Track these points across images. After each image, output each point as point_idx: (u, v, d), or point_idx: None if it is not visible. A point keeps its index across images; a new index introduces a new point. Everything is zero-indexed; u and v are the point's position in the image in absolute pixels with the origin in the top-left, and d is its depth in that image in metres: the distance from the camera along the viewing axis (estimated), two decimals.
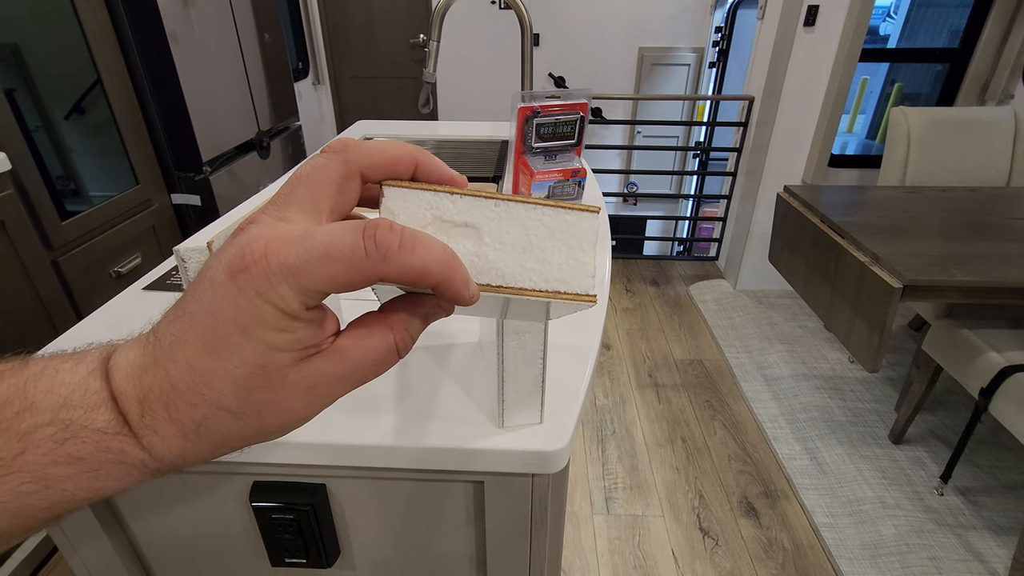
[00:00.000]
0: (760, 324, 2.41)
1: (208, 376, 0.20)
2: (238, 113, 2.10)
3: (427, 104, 1.23)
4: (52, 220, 1.35)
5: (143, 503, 0.56)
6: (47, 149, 1.44)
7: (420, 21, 3.58)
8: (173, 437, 0.20)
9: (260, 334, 0.20)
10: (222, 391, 0.20)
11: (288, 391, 0.21)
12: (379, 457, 0.48)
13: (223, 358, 0.20)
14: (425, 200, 0.23)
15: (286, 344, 0.20)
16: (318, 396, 0.22)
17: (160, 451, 0.20)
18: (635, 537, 1.51)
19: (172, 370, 0.20)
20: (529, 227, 0.24)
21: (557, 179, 0.92)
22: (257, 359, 0.20)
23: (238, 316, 0.19)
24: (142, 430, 0.20)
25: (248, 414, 0.21)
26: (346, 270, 0.20)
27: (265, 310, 0.19)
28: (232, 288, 0.19)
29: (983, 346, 1.41)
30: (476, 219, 0.24)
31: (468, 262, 0.24)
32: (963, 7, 2.31)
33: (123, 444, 0.20)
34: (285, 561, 0.56)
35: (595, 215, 0.25)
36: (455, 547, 0.57)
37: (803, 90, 2.29)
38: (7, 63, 1.35)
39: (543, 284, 0.24)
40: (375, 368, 0.23)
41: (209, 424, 0.20)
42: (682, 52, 3.65)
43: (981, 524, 1.50)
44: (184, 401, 0.20)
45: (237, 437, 0.21)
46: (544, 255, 0.24)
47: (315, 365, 0.21)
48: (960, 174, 1.87)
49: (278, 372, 0.20)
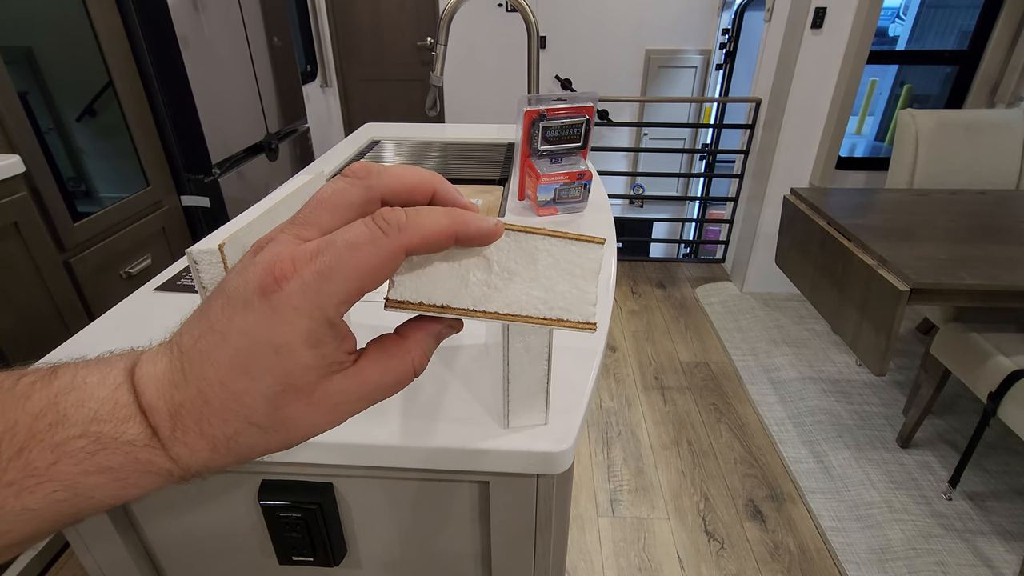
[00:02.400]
0: (767, 327, 2.40)
1: (241, 395, 0.21)
2: (247, 115, 2.12)
3: (434, 107, 1.24)
4: (64, 221, 1.37)
5: (154, 503, 0.57)
6: (59, 151, 1.46)
7: (427, 23, 3.59)
8: (202, 450, 0.21)
9: (292, 352, 0.21)
10: (254, 408, 0.21)
11: (314, 408, 0.22)
12: (386, 457, 0.49)
13: (256, 379, 0.21)
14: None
15: (314, 361, 0.21)
16: (340, 413, 0.23)
17: (187, 462, 0.21)
18: (640, 539, 1.51)
19: (205, 388, 0.21)
20: (537, 257, 0.26)
21: (563, 181, 0.93)
22: (288, 379, 0.21)
23: (272, 336, 0.20)
24: (172, 443, 0.21)
25: (276, 429, 0.22)
26: (373, 252, 0.21)
27: (300, 325, 0.20)
28: (266, 308, 0.20)
29: (992, 350, 1.40)
30: (487, 248, 0.25)
31: (478, 291, 0.25)
32: (973, 8, 2.29)
33: (152, 455, 0.21)
34: (293, 559, 0.57)
35: (600, 246, 0.26)
36: (460, 546, 0.58)
37: (810, 92, 2.28)
38: (20, 66, 1.37)
39: (547, 312, 0.26)
40: (394, 388, 0.24)
41: (239, 439, 0.21)
42: (689, 54, 3.65)
43: (990, 529, 1.49)
44: (217, 417, 0.21)
45: (262, 449, 0.22)
46: (550, 284, 0.26)
47: (338, 384, 0.22)
48: (969, 177, 1.86)
49: (305, 389, 0.21)
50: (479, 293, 0.25)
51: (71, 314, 1.38)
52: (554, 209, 0.96)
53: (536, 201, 0.94)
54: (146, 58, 1.66)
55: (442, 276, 0.24)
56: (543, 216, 0.95)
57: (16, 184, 1.23)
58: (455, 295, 0.24)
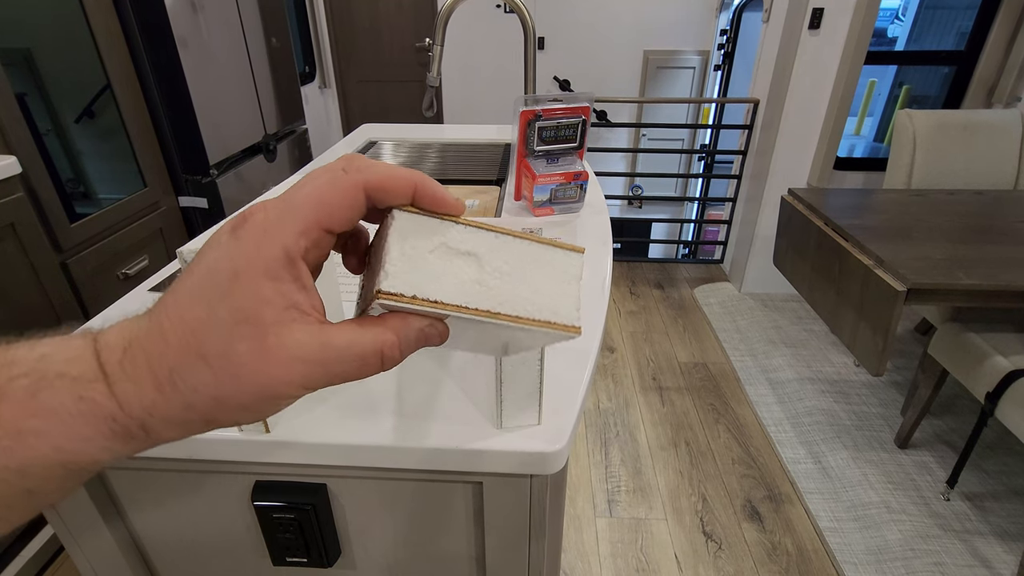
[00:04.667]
0: (765, 327, 2.40)
1: (194, 323, 0.21)
2: (245, 116, 2.12)
3: (431, 108, 1.24)
4: (61, 222, 1.37)
5: (146, 501, 0.56)
6: (57, 152, 1.46)
7: (426, 25, 3.60)
8: (148, 387, 0.20)
9: (251, 279, 0.21)
10: (205, 338, 0.21)
11: (267, 354, 0.21)
12: (379, 457, 0.49)
13: (212, 305, 0.21)
14: (433, 226, 0.25)
15: (272, 295, 0.21)
16: (294, 372, 0.22)
17: (131, 402, 0.20)
18: (638, 540, 1.50)
19: (163, 319, 0.21)
20: (525, 260, 0.26)
21: (559, 182, 0.93)
22: (244, 306, 0.21)
23: (232, 262, 0.21)
24: (119, 377, 0.20)
25: (225, 369, 0.21)
26: (333, 185, 0.22)
27: (259, 254, 0.21)
28: (231, 240, 0.21)
29: (989, 350, 1.40)
30: (478, 248, 0.25)
31: (471, 289, 0.25)
32: (971, 9, 2.30)
33: (95, 393, 0.20)
34: (286, 560, 0.57)
35: (580, 254, 0.27)
36: (455, 547, 0.58)
37: (808, 93, 2.28)
38: (19, 68, 1.37)
39: (536, 313, 0.26)
40: (357, 365, 0.23)
41: (185, 374, 0.21)
42: (687, 55, 3.65)
43: (987, 530, 1.49)
44: (169, 348, 0.21)
45: (207, 395, 0.21)
46: (537, 286, 0.26)
47: (297, 334, 0.22)
48: (966, 177, 1.86)
49: (260, 328, 0.21)
50: (471, 291, 0.25)
51: (68, 315, 1.38)
52: (550, 210, 0.96)
53: (532, 201, 0.94)
54: (144, 59, 1.66)
55: (435, 271, 0.24)
56: (539, 216, 0.95)
57: (13, 185, 1.23)
58: (448, 291, 0.24)
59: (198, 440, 0.49)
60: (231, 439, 0.49)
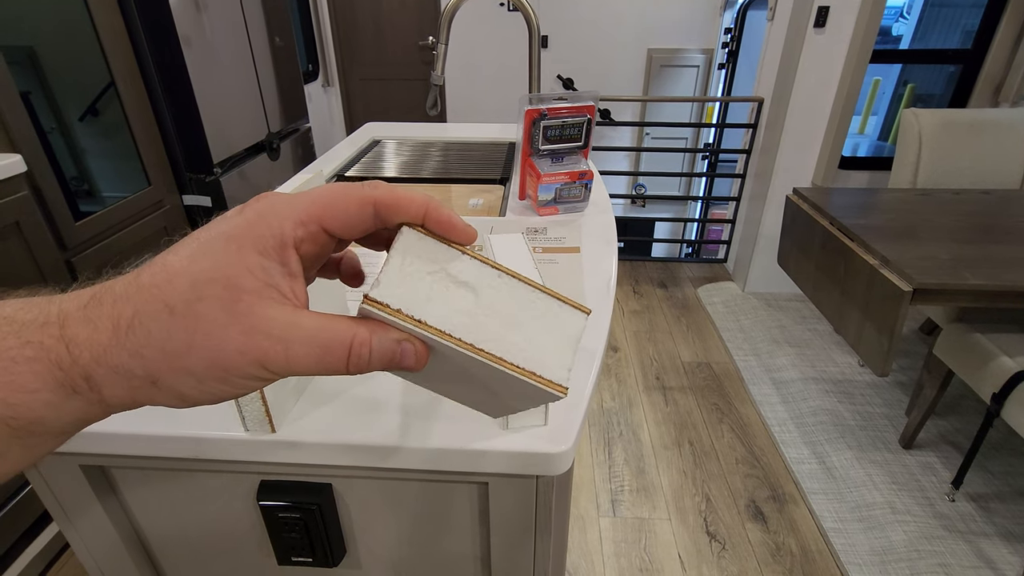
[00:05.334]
0: (769, 327, 2.39)
1: (172, 273, 0.21)
2: (249, 115, 2.12)
3: (435, 106, 1.23)
4: (66, 221, 1.38)
5: (152, 500, 0.57)
6: (61, 150, 1.46)
7: (429, 23, 3.59)
8: (104, 329, 0.20)
9: (240, 247, 0.21)
10: (176, 286, 0.20)
11: (232, 317, 0.21)
12: (385, 457, 0.49)
13: (196, 257, 0.21)
14: (438, 250, 0.24)
15: (256, 267, 0.21)
16: (254, 345, 0.21)
17: (81, 345, 0.20)
18: (641, 540, 1.50)
19: (145, 269, 0.21)
20: (523, 306, 0.25)
21: (564, 181, 0.93)
22: (225, 266, 0.21)
23: (228, 229, 0.22)
24: (75, 320, 0.20)
25: (186, 320, 0.20)
26: (343, 193, 0.23)
27: (257, 228, 0.22)
28: (236, 216, 0.22)
29: (995, 350, 1.40)
30: (478, 282, 0.24)
31: (459, 320, 0.24)
32: (978, 7, 2.28)
33: (44, 336, 0.20)
34: (292, 560, 0.57)
35: (584, 315, 0.26)
36: (460, 547, 0.57)
37: (813, 92, 2.27)
38: (23, 66, 1.38)
39: (522, 361, 0.24)
40: (319, 352, 0.22)
41: (144, 318, 0.20)
42: (691, 53, 3.64)
43: (993, 531, 1.48)
44: (139, 292, 0.21)
45: (159, 345, 0.20)
46: (530, 335, 0.25)
47: (268, 309, 0.21)
48: (973, 176, 1.85)
49: (234, 292, 0.21)
50: (459, 321, 0.24)
51: None
52: (555, 209, 0.95)
53: (537, 201, 0.94)
54: (148, 58, 1.66)
55: (427, 293, 0.24)
56: (544, 216, 0.95)
57: (18, 183, 1.23)
58: (435, 315, 0.23)
59: (204, 439, 0.49)
60: (237, 439, 0.49)
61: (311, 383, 0.54)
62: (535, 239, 0.85)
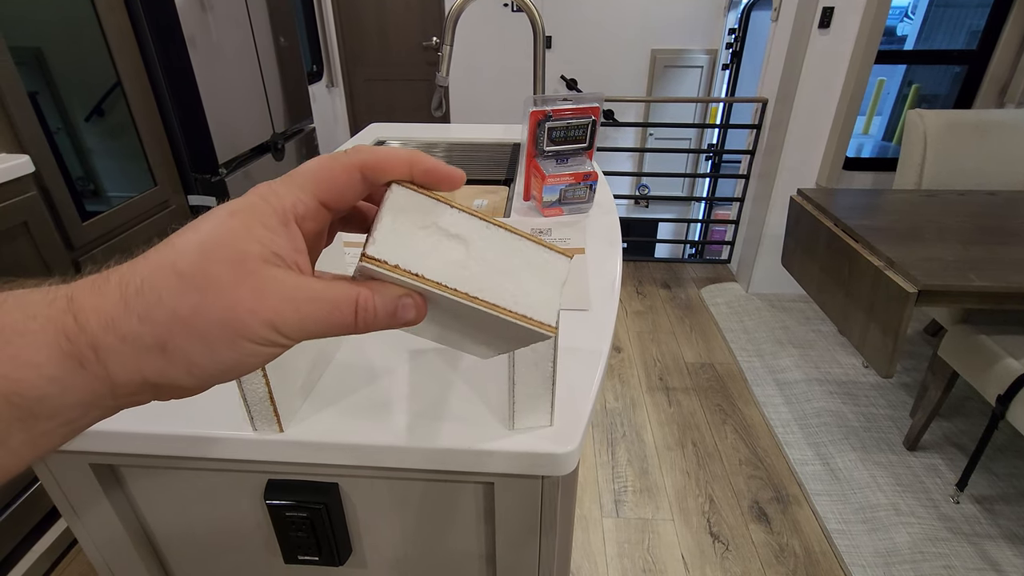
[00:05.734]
0: (772, 328, 2.39)
1: (180, 245, 0.21)
2: (254, 115, 2.13)
3: (440, 107, 1.24)
4: (73, 221, 1.38)
5: (160, 499, 0.57)
6: (68, 151, 1.47)
7: (433, 24, 3.60)
8: (112, 298, 0.20)
9: (245, 218, 0.22)
10: (185, 252, 0.21)
11: (241, 277, 0.21)
12: (391, 457, 0.49)
13: (201, 231, 0.22)
14: (428, 205, 0.25)
15: (264, 236, 0.22)
16: (265, 306, 0.21)
17: (88, 313, 0.20)
18: (645, 541, 1.50)
19: (153, 249, 0.22)
20: (511, 253, 0.27)
21: (568, 182, 0.93)
22: (233, 234, 0.21)
23: (234, 207, 0.22)
24: (84, 291, 0.20)
25: (196, 281, 0.20)
26: (331, 164, 0.24)
27: (259, 206, 0.22)
28: (241, 198, 0.23)
29: (1001, 352, 1.39)
30: (468, 234, 0.26)
31: (454, 271, 0.25)
32: (983, 7, 2.27)
33: (50, 309, 0.20)
34: (298, 559, 0.57)
35: (568, 259, 0.28)
36: (465, 547, 0.58)
37: (817, 92, 2.27)
38: (30, 66, 1.38)
39: (514, 306, 0.26)
40: (328, 308, 0.23)
41: (153, 282, 0.20)
42: (695, 54, 3.63)
43: (997, 533, 1.48)
44: (147, 264, 0.21)
45: (169, 308, 0.20)
46: (519, 281, 0.26)
47: (276, 272, 0.22)
48: (978, 177, 1.85)
49: (241, 255, 0.21)
50: (454, 272, 0.25)
51: None
52: (559, 210, 0.95)
53: (542, 202, 0.94)
54: (154, 58, 1.67)
55: (421, 247, 0.25)
56: (549, 217, 0.95)
57: (26, 184, 1.24)
58: (431, 268, 0.25)
59: (213, 438, 0.49)
60: (245, 438, 0.49)
61: (318, 382, 0.55)
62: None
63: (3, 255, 1.20)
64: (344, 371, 0.56)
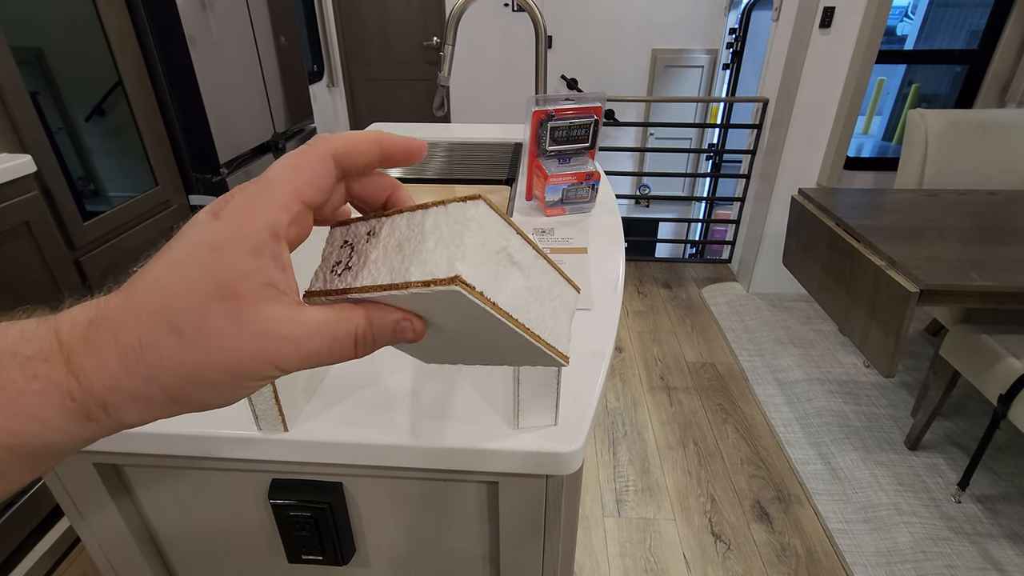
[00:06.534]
0: (773, 327, 2.39)
1: (168, 295, 0.20)
2: (255, 115, 2.13)
3: (442, 107, 1.24)
4: (75, 221, 1.38)
5: (163, 497, 0.57)
6: (68, 150, 1.47)
7: (433, 24, 3.60)
8: (111, 360, 0.20)
9: (231, 254, 0.21)
10: (179, 309, 0.20)
11: (240, 327, 0.20)
12: (395, 457, 0.49)
13: (190, 276, 0.20)
14: (503, 228, 0.24)
15: (252, 269, 0.21)
16: (266, 348, 0.21)
17: (91, 377, 0.20)
18: (646, 540, 1.50)
19: (136, 290, 0.20)
20: (550, 284, 0.27)
21: (571, 182, 0.93)
22: (222, 279, 0.20)
23: (213, 236, 0.21)
24: (79, 352, 0.20)
25: (196, 341, 0.20)
26: (304, 159, 0.23)
27: (242, 228, 0.21)
28: (211, 219, 0.21)
29: (1002, 351, 1.39)
30: (525, 261, 0.25)
31: (516, 300, 0.24)
32: (983, 7, 2.27)
33: (51, 371, 0.19)
34: (302, 558, 0.57)
35: (577, 292, 0.29)
36: (469, 546, 0.58)
37: (818, 92, 2.27)
38: (31, 66, 1.38)
39: (547, 336, 0.26)
40: (327, 344, 0.23)
41: (153, 346, 0.20)
42: (696, 54, 3.63)
43: (999, 532, 1.48)
44: (137, 321, 0.20)
45: (174, 369, 0.20)
46: (552, 310, 0.27)
47: (272, 310, 0.21)
48: (979, 177, 1.85)
49: (236, 302, 0.20)
50: (515, 301, 0.24)
51: None
52: (561, 210, 0.95)
53: (544, 201, 0.94)
54: (155, 57, 1.67)
55: (496, 272, 0.24)
56: (551, 216, 0.95)
57: (28, 184, 1.24)
58: (503, 297, 0.24)
59: (218, 438, 0.49)
60: (250, 437, 0.49)
61: (322, 382, 0.55)
62: (542, 240, 0.85)
63: (5, 255, 1.20)
64: (348, 370, 0.56)
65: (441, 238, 0.23)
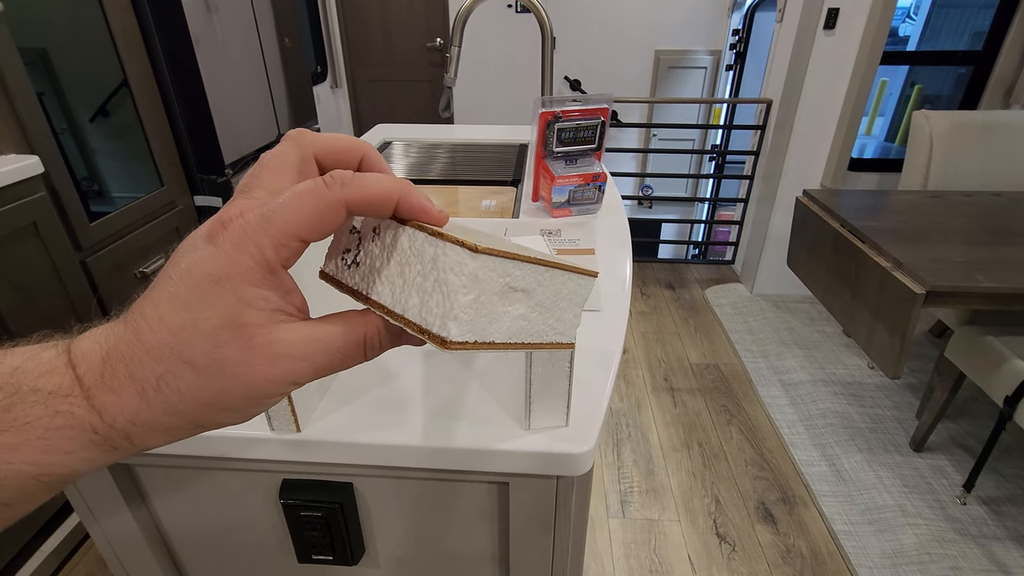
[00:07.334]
0: (777, 328, 2.39)
1: (178, 329, 0.20)
2: (259, 116, 2.13)
3: (447, 108, 1.24)
4: (81, 221, 1.39)
5: (174, 497, 0.57)
6: (73, 151, 1.47)
7: (437, 25, 3.60)
8: (130, 396, 0.20)
9: (233, 286, 0.21)
10: (190, 343, 0.20)
11: (254, 353, 0.21)
12: (406, 457, 0.49)
13: (195, 309, 0.20)
14: (503, 266, 0.24)
15: (256, 299, 0.21)
16: (281, 368, 0.22)
17: (112, 412, 0.20)
18: (651, 541, 1.50)
19: (142, 326, 0.20)
20: (559, 290, 0.27)
21: (577, 183, 0.93)
22: (228, 310, 0.20)
23: (213, 268, 0.21)
24: (98, 389, 0.20)
25: (211, 371, 0.20)
26: (314, 202, 0.21)
27: (241, 261, 0.21)
28: (209, 247, 0.21)
29: (1008, 353, 1.39)
30: (528, 284, 0.25)
31: (518, 325, 0.25)
32: (987, 8, 2.27)
33: (73, 407, 0.20)
34: (312, 558, 0.57)
35: (593, 279, 0.29)
36: (478, 546, 0.58)
37: (822, 93, 2.27)
38: (36, 67, 1.39)
39: (551, 337, 0.27)
40: (341, 356, 0.23)
41: (170, 380, 0.20)
42: (699, 55, 3.63)
43: (1005, 534, 1.47)
44: (149, 356, 0.20)
45: (193, 400, 0.21)
46: (561, 314, 0.27)
47: (282, 333, 0.22)
48: (984, 178, 1.84)
49: (246, 330, 0.21)
50: (517, 327, 0.25)
51: (86, 313, 1.39)
52: (568, 211, 0.96)
53: (551, 203, 0.94)
54: (160, 58, 1.68)
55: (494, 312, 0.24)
56: (557, 218, 0.96)
57: (35, 184, 1.25)
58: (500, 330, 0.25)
59: (230, 438, 0.50)
60: (260, 438, 0.49)
61: (334, 381, 0.55)
62: (550, 241, 0.85)
63: (13, 256, 1.21)
64: (359, 370, 0.56)
65: (438, 282, 0.22)
